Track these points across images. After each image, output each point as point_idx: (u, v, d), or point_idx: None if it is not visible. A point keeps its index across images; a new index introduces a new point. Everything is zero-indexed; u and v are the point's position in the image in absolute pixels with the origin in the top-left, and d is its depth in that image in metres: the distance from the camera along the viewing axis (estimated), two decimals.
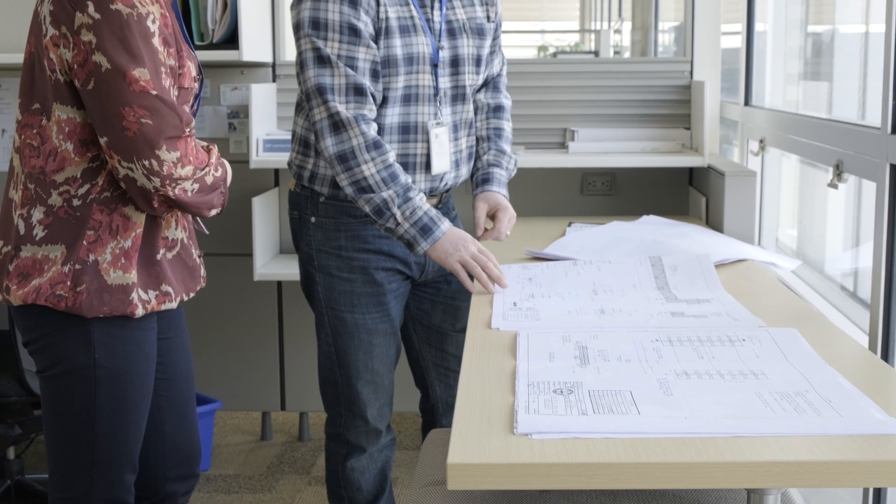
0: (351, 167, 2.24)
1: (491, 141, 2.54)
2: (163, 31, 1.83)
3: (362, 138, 2.23)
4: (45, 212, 1.85)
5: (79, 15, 1.77)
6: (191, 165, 1.84)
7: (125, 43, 1.76)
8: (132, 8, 1.78)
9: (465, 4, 2.47)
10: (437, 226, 2.26)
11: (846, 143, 2.36)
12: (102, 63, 1.76)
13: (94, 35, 1.76)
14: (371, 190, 2.24)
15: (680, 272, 2.35)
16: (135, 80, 1.77)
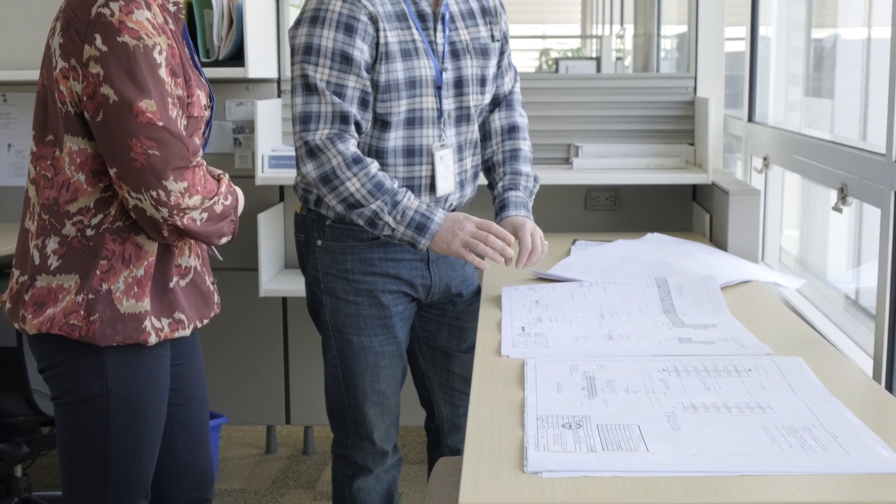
0: (335, 186, 2.27)
1: (506, 164, 2.55)
2: (170, 62, 1.84)
3: (340, 157, 2.26)
4: (60, 242, 1.87)
5: (87, 47, 1.79)
6: (199, 195, 1.85)
7: (132, 75, 1.78)
8: (139, 40, 1.79)
9: (469, 25, 2.48)
10: (431, 219, 2.28)
11: (851, 168, 2.37)
12: (110, 95, 1.78)
13: (101, 67, 1.78)
14: (360, 204, 2.27)
15: (686, 294, 2.37)
16: (141, 112, 1.78)
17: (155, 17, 1.83)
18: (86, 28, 1.79)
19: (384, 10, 2.32)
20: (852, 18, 3.11)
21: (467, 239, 2.28)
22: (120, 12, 1.78)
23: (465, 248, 2.28)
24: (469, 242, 2.28)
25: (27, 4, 3.66)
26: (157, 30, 1.82)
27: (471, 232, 2.28)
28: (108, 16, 1.78)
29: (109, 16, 1.78)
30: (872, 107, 2.87)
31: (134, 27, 1.79)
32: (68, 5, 1.84)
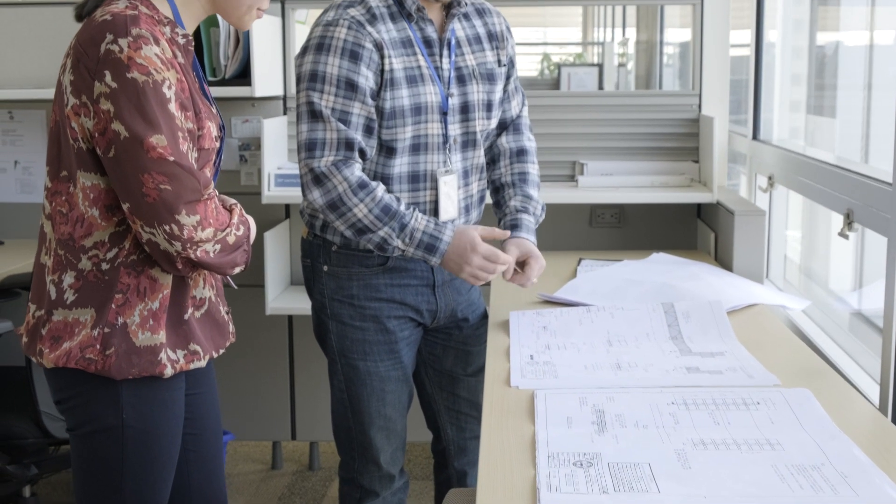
0: (343, 213, 2.28)
1: (516, 187, 2.56)
2: (179, 96, 1.85)
3: (346, 183, 2.27)
4: (76, 276, 1.88)
5: (97, 84, 1.80)
6: (211, 227, 1.86)
7: (142, 111, 1.79)
8: (148, 76, 1.80)
9: (475, 50, 2.49)
10: (440, 239, 2.30)
11: (856, 194, 2.38)
12: (121, 131, 1.79)
13: (111, 104, 1.79)
14: (368, 230, 2.29)
15: (693, 320, 2.38)
16: (152, 148, 1.79)
17: (163, 51, 1.84)
18: (95, 65, 1.80)
19: (389, 37, 2.33)
20: (856, 37, 3.12)
21: (475, 272, 2.31)
22: (129, 48, 1.79)
23: (471, 278, 2.32)
24: (477, 275, 2.31)
25: (34, 23, 3.67)
26: (166, 64, 1.83)
27: (479, 265, 2.31)
28: (117, 52, 1.79)
29: (118, 52, 1.79)
30: (875, 125, 2.89)
31: (143, 63, 1.80)
32: (78, 42, 1.85)
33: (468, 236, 2.32)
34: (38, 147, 3.72)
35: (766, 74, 3.59)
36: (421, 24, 2.39)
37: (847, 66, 3.16)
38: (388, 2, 2.37)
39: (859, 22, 3.08)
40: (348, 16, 2.31)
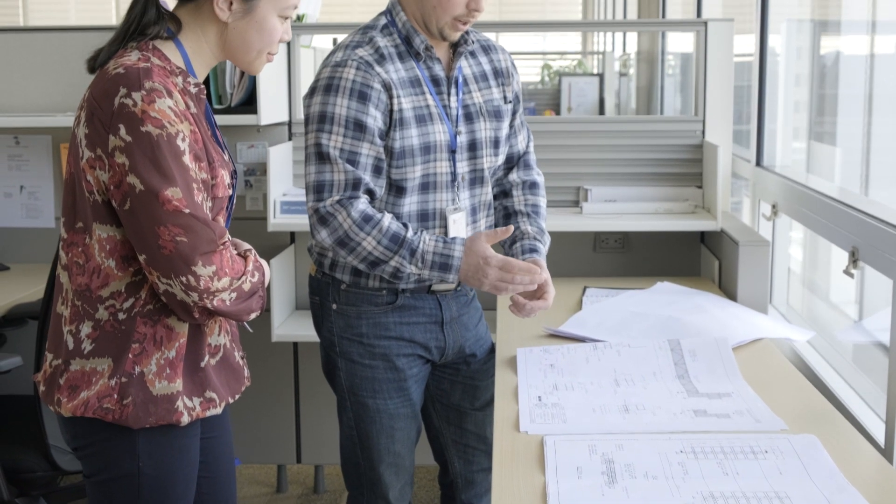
0: (353, 248, 2.30)
1: (531, 218, 2.58)
2: (193, 148, 1.87)
3: (350, 220, 2.29)
4: (93, 326, 1.90)
5: (112, 137, 1.82)
6: (227, 277, 1.88)
7: (156, 164, 1.81)
8: (162, 129, 1.82)
9: (482, 87, 2.50)
10: (451, 257, 2.31)
11: (862, 233, 2.40)
12: (136, 184, 1.81)
13: (126, 157, 1.81)
14: (380, 261, 2.31)
15: (699, 358, 2.39)
16: (168, 201, 1.81)
17: (177, 104, 1.86)
18: (109, 118, 1.82)
19: (398, 77, 2.35)
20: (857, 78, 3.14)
21: (495, 283, 2.31)
22: (142, 102, 1.81)
23: (494, 289, 2.33)
24: (497, 286, 2.32)
25: (40, 48, 3.69)
26: (179, 117, 1.85)
27: (496, 277, 2.31)
28: (131, 106, 1.81)
29: (132, 106, 1.81)
30: (875, 151, 2.91)
31: (157, 116, 1.81)
32: (91, 95, 1.87)
33: (478, 250, 2.31)
34: (44, 172, 3.73)
35: (769, 101, 3.61)
36: (429, 63, 2.41)
37: (847, 94, 3.18)
38: (397, 41, 2.39)
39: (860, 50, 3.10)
40: (356, 56, 2.33)
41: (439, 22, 2.35)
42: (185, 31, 1.97)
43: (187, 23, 1.97)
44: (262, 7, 1.96)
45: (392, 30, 2.40)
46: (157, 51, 1.92)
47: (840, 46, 3.35)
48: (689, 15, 6.11)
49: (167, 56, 1.93)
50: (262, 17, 1.97)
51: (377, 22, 2.42)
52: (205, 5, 1.95)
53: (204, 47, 1.98)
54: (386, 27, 2.40)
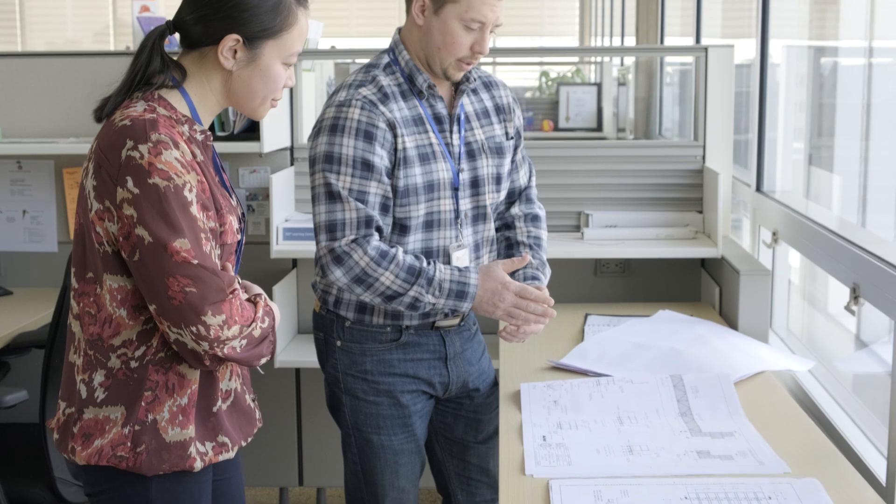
0: (370, 284, 2.32)
1: (533, 249, 2.60)
2: (200, 198, 1.88)
3: (367, 257, 2.31)
4: (105, 374, 1.92)
5: (119, 190, 1.83)
6: (237, 325, 1.89)
7: (164, 216, 1.82)
8: (169, 180, 1.83)
9: (484, 124, 2.52)
10: (467, 284, 2.35)
11: (863, 271, 2.41)
12: (144, 236, 1.82)
13: (134, 209, 1.82)
14: (398, 294, 2.32)
15: (701, 394, 2.41)
16: (176, 252, 1.82)
17: (183, 154, 1.87)
18: (117, 171, 1.83)
19: (401, 116, 2.36)
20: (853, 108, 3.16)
21: (509, 309, 2.35)
22: (149, 154, 1.82)
23: (508, 316, 2.36)
24: (512, 312, 2.36)
25: (43, 73, 3.70)
26: (186, 167, 1.86)
27: (512, 302, 2.35)
28: (138, 158, 1.82)
29: (139, 158, 1.82)
30: (872, 175, 2.93)
31: (163, 168, 1.83)
32: (99, 147, 1.88)
33: (496, 276, 2.36)
34: (46, 196, 3.74)
35: (769, 125, 3.63)
36: (431, 101, 2.42)
37: (846, 120, 3.21)
38: (399, 79, 2.40)
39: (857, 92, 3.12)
40: (360, 96, 2.34)
41: (443, 63, 2.37)
42: (189, 80, 1.98)
43: (192, 71, 1.98)
44: (266, 55, 1.97)
45: (395, 68, 2.42)
46: (163, 100, 1.93)
47: (839, 71, 3.38)
48: (688, 21, 6.11)
49: (173, 105, 1.94)
50: (267, 65, 1.98)
51: (380, 60, 2.44)
52: (209, 54, 1.96)
53: (209, 95, 1.99)
54: (389, 66, 2.42)
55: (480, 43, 2.35)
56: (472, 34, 2.34)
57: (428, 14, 2.35)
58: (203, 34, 1.95)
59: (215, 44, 1.94)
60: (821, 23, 3.64)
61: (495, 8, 2.33)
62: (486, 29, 2.35)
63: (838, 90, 3.31)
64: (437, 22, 2.34)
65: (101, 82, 3.63)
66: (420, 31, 2.38)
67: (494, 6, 2.33)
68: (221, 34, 1.93)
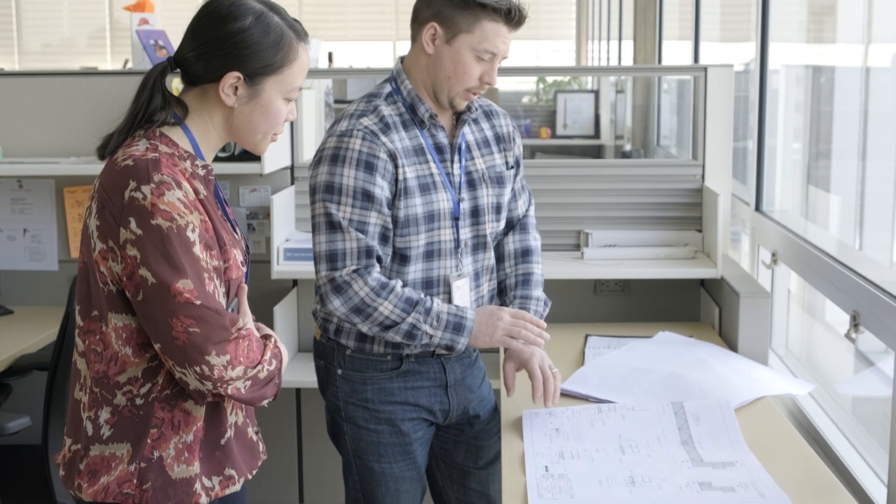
0: (368, 314, 2.33)
1: (518, 288, 2.60)
2: (203, 237, 1.88)
3: (367, 288, 2.32)
4: (111, 412, 1.92)
5: (123, 230, 1.83)
6: (241, 366, 1.89)
7: (167, 257, 1.82)
8: (171, 221, 1.83)
9: (485, 154, 2.53)
10: (465, 318, 2.37)
11: (862, 300, 2.42)
12: (148, 277, 1.83)
13: (137, 250, 1.83)
14: (395, 323, 2.34)
15: (702, 422, 2.42)
16: (179, 293, 1.83)
17: (186, 194, 1.87)
18: (120, 212, 1.84)
19: (402, 146, 2.37)
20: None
21: (508, 328, 2.38)
22: (152, 195, 1.83)
23: (507, 336, 2.38)
24: (511, 331, 2.38)
25: (43, 92, 3.71)
26: (189, 207, 1.86)
27: (510, 322, 2.38)
28: (141, 199, 1.83)
29: (142, 199, 1.83)
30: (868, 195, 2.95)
31: (166, 209, 1.83)
32: (102, 187, 1.88)
33: (492, 307, 2.41)
34: (47, 215, 3.75)
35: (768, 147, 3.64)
36: (433, 131, 2.43)
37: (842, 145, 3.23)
38: (401, 109, 2.41)
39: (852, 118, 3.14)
40: (362, 126, 2.35)
41: (451, 92, 2.38)
42: (191, 116, 1.98)
43: (193, 107, 1.98)
44: (268, 91, 1.97)
45: (396, 98, 2.43)
46: (165, 137, 1.94)
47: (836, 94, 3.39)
48: (686, 24, 6.11)
49: (175, 141, 1.94)
50: (268, 101, 1.98)
51: (381, 90, 2.44)
52: (210, 90, 1.96)
53: (211, 131, 2.00)
54: (390, 95, 2.43)
55: (490, 73, 2.36)
56: (482, 65, 2.36)
57: (439, 43, 2.36)
58: (204, 71, 1.95)
59: (216, 81, 1.94)
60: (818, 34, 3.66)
61: (507, 40, 2.35)
62: (496, 60, 2.37)
63: (835, 116, 3.32)
64: (448, 51, 2.35)
65: (102, 102, 3.68)
66: (429, 59, 2.39)
67: (506, 38, 2.35)
68: (222, 71, 1.93)
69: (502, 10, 2.32)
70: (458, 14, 2.32)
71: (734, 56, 5.02)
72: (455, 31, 2.34)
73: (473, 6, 2.31)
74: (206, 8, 1.98)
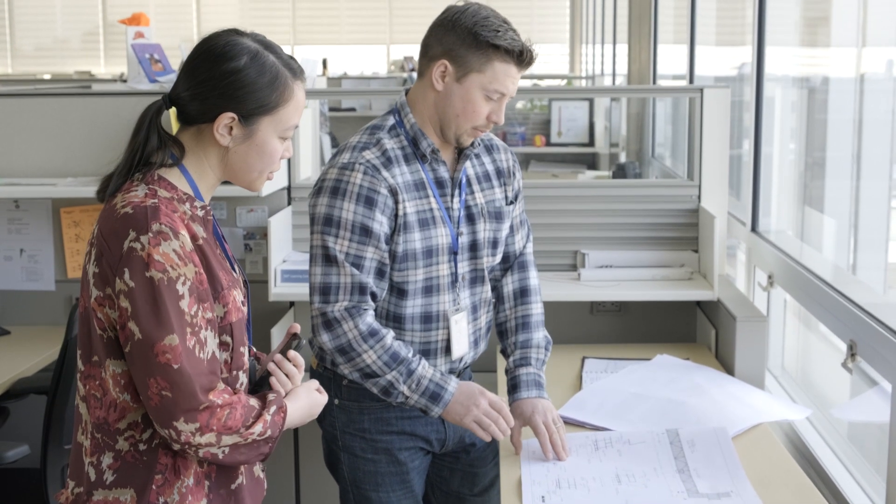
0: (352, 357, 2.34)
1: (518, 333, 2.59)
2: (195, 290, 1.87)
3: (356, 331, 2.32)
4: (114, 457, 1.92)
5: (118, 280, 1.84)
6: (213, 433, 1.86)
7: (156, 311, 1.82)
8: (164, 273, 1.83)
9: (485, 188, 2.53)
10: (445, 389, 2.35)
11: (860, 331, 2.44)
12: (135, 332, 1.83)
13: (129, 303, 1.83)
14: (376, 374, 2.34)
15: (698, 449, 2.43)
16: (161, 352, 1.82)
17: (182, 245, 1.86)
18: (117, 262, 1.83)
19: (404, 181, 2.38)
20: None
21: (480, 417, 2.35)
22: (149, 245, 1.82)
23: (476, 424, 2.35)
24: (482, 421, 2.35)
25: (40, 112, 3.71)
26: (183, 259, 1.85)
27: (484, 410, 2.35)
28: (139, 250, 1.82)
29: (140, 250, 1.82)
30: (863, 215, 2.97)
31: (160, 260, 1.82)
32: (101, 234, 1.88)
33: (476, 387, 2.38)
34: (44, 235, 3.75)
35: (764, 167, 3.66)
36: (434, 165, 2.44)
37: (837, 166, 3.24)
38: (403, 143, 2.41)
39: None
40: (364, 159, 2.35)
41: (458, 129, 2.38)
42: (188, 156, 1.97)
43: (190, 147, 1.97)
44: (263, 131, 1.96)
45: (399, 131, 2.42)
46: (164, 180, 1.93)
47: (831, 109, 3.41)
48: (681, 29, 6.12)
49: (173, 184, 1.94)
50: (263, 140, 1.97)
51: (385, 122, 2.44)
52: (206, 130, 1.95)
53: (207, 171, 1.99)
54: (393, 128, 2.43)
55: (497, 112, 2.37)
56: (490, 104, 2.36)
57: (449, 80, 2.35)
58: (199, 112, 1.94)
59: (211, 121, 1.93)
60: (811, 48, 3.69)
61: (516, 80, 2.35)
62: (505, 99, 2.37)
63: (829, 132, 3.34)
64: (458, 89, 2.35)
65: (99, 122, 3.68)
66: (437, 95, 2.38)
67: (515, 78, 2.35)
68: (217, 112, 1.92)
69: (514, 51, 2.31)
70: (469, 53, 2.32)
71: (728, 59, 5.05)
72: (466, 69, 2.33)
73: (486, 46, 2.30)
74: (202, 47, 1.97)
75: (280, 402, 1.99)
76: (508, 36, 2.31)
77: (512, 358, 2.57)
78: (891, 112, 2.87)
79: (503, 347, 2.64)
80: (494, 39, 2.30)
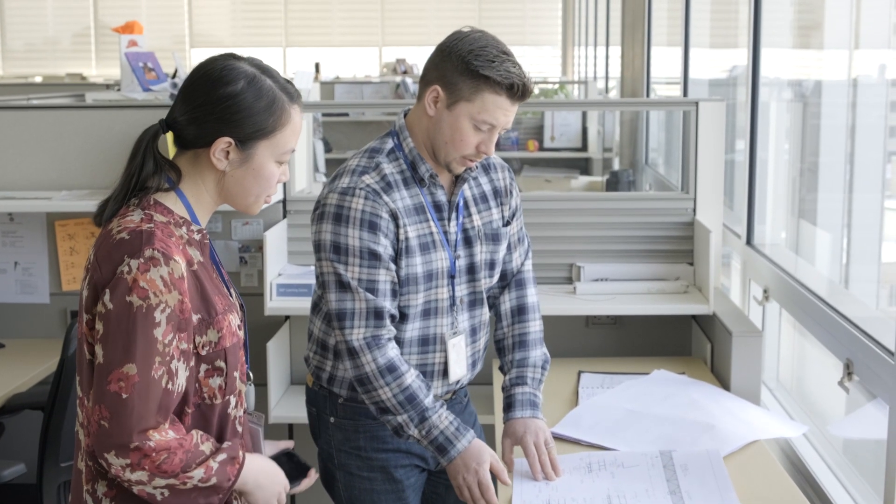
0: (369, 390, 2.33)
1: (515, 351, 2.58)
2: (174, 318, 1.85)
3: (374, 365, 2.31)
4: (108, 485, 1.91)
5: (100, 303, 1.84)
6: (144, 472, 1.83)
7: (124, 337, 1.80)
8: (144, 300, 1.81)
9: (482, 209, 2.52)
10: (454, 446, 2.32)
11: (856, 349, 2.44)
12: (99, 355, 1.82)
13: (103, 325, 1.82)
14: (390, 412, 2.33)
15: (690, 472, 2.42)
16: (115, 379, 1.80)
17: (172, 271, 1.84)
18: (105, 283, 1.83)
19: (404, 205, 2.37)
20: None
21: (471, 484, 2.31)
22: (137, 270, 1.82)
23: (463, 485, 2.32)
24: (470, 487, 2.31)
25: (35, 125, 3.70)
26: (168, 286, 1.84)
27: (481, 477, 2.31)
28: (126, 273, 1.82)
29: (127, 273, 1.82)
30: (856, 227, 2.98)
31: (145, 286, 1.81)
32: (95, 259, 1.87)
33: (483, 454, 2.33)
34: (38, 248, 3.75)
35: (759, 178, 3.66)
36: (432, 189, 2.43)
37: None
38: (402, 167, 2.40)
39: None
40: (363, 184, 2.34)
41: (447, 157, 2.36)
42: (185, 181, 1.96)
43: (187, 171, 1.96)
44: (259, 155, 1.95)
45: (398, 154, 2.41)
46: (160, 205, 1.92)
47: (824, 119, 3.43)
48: (675, 31, 6.13)
49: (169, 208, 1.93)
50: (260, 165, 1.96)
51: (384, 145, 2.42)
52: (202, 154, 1.94)
53: (204, 195, 1.98)
54: (392, 151, 2.41)
55: (487, 144, 2.33)
56: (480, 134, 2.32)
57: (440, 107, 2.33)
58: (195, 136, 1.93)
59: (208, 146, 1.92)
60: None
61: (508, 113, 2.31)
62: (496, 131, 2.33)
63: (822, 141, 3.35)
64: (448, 116, 2.32)
65: (93, 135, 3.67)
66: (430, 121, 2.36)
67: (507, 111, 2.31)
68: (214, 136, 1.92)
69: (504, 84, 2.27)
70: (461, 81, 2.29)
71: (721, 62, 5.06)
72: (456, 97, 2.30)
73: (477, 76, 2.27)
74: (199, 71, 1.96)
75: (234, 453, 1.94)
76: (503, 67, 2.27)
77: (508, 376, 2.56)
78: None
79: (501, 364, 2.64)
80: (485, 69, 2.26)
